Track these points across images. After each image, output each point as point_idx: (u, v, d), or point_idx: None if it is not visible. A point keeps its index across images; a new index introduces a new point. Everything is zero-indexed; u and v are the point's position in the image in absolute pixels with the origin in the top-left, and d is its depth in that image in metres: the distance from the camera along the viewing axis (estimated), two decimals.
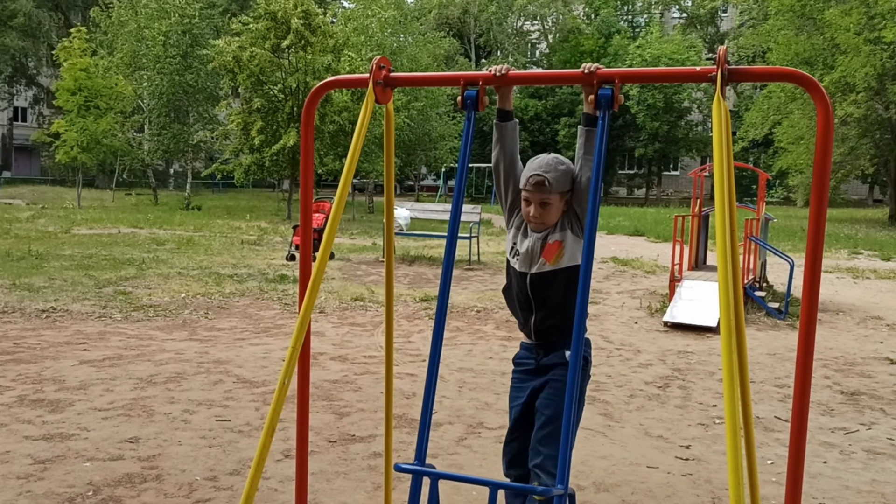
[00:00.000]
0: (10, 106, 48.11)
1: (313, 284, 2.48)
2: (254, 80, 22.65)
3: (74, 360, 6.36)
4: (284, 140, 22.19)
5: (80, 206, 26.69)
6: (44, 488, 3.77)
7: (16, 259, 12.10)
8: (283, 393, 2.40)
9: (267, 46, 22.35)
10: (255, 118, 22.87)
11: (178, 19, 27.97)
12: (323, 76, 21.98)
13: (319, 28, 22.57)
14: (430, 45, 35.37)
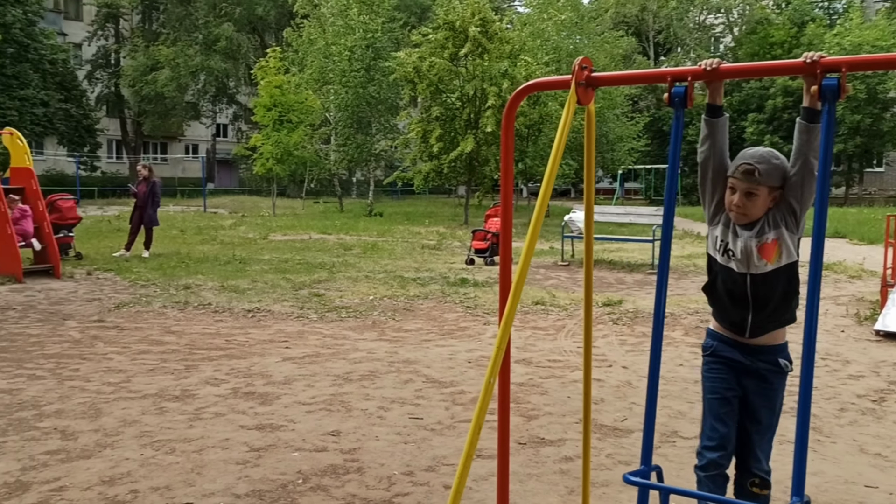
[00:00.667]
0: (214, 123, 52.54)
1: (516, 287, 2.50)
2: (433, 89, 23.32)
3: (278, 356, 6.82)
4: (462, 147, 22.65)
5: (274, 214, 28.63)
6: (259, 474, 4.07)
7: (223, 263, 13.16)
8: (489, 392, 2.43)
9: (445, 55, 22.95)
10: (433, 126, 23.54)
11: (361, 34, 29.34)
12: (500, 82, 22.23)
13: (496, 35, 22.86)
14: (607, 45, 34.80)
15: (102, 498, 3.77)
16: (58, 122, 38.16)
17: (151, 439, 4.61)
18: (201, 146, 53.34)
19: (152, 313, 8.84)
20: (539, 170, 26.30)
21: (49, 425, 4.85)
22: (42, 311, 8.86)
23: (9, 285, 10.66)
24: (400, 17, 35.02)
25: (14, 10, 34.32)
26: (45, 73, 37.13)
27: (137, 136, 49.83)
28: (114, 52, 48.03)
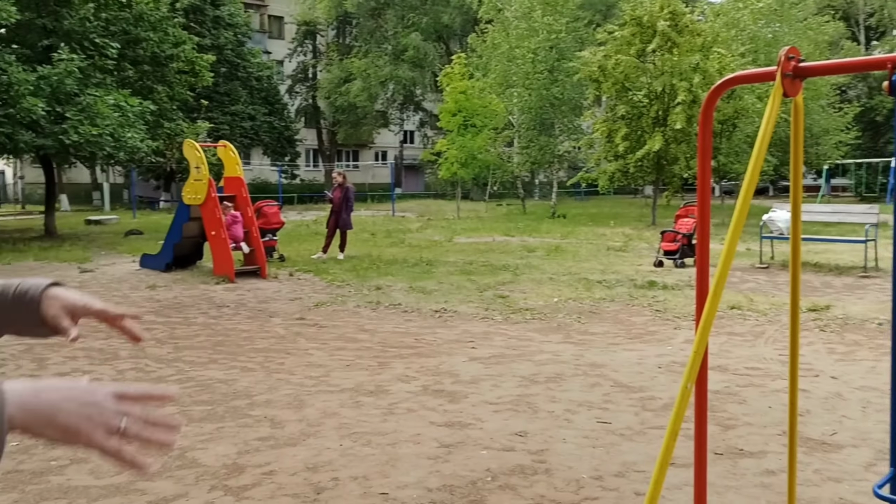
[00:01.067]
0: (401, 130, 54.63)
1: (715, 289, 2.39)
2: (618, 88, 22.85)
3: (465, 356, 6.96)
4: (649, 145, 22.02)
5: (459, 217, 29.27)
6: (449, 470, 4.17)
7: (411, 265, 13.64)
8: (686, 398, 2.34)
9: (632, 52, 22.41)
10: (619, 125, 23.06)
11: (545, 36, 29.33)
12: (690, 77, 21.37)
13: (686, 27, 22.02)
14: (810, 32, 32.43)
15: (307, 483, 4.02)
16: (263, 134, 41.32)
17: (349, 431, 4.86)
18: (390, 152, 55.65)
19: (347, 312, 9.33)
20: (733, 167, 24.98)
21: (260, 414, 5.25)
22: (251, 309, 9.62)
23: (223, 285, 11.67)
24: (584, 16, 34.63)
25: (226, 32, 37.56)
26: (252, 89, 40.32)
27: (332, 144, 52.85)
28: (311, 66, 51.31)
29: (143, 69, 20.93)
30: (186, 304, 10.03)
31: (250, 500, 3.83)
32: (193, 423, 5.05)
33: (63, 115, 16.86)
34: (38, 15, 18.30)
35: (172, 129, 21.93)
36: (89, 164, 29.31)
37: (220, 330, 8.30)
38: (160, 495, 3.91)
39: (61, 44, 17.66)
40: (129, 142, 17.82)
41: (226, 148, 13.52)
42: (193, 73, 22.59)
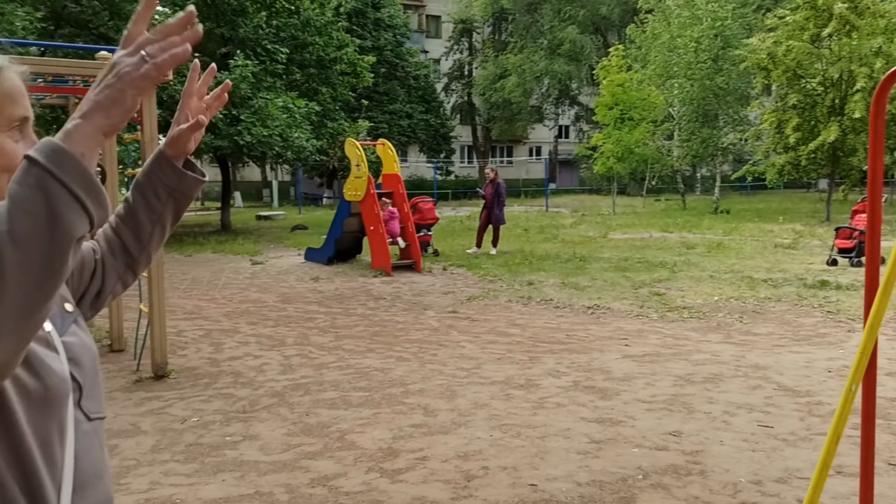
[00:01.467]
0: (556, 125, 54.19)
1: (885, 286, 2.24)
2: (789, 76, 21.56)
3: (617, 353, 6.85)
4: (824, 136, 20.63)
5: (614, 213, 28.70)
6: (599, 465, 4.15)
7: (563, 261, 13.54)
8: (850, 401, 2.22)
9: (805, 38, 21.07)
10: (790, 115, 21.76)
11: (709, 24, 28.14)
12: (871, 62, 19.83)
13: (867, 9, 20.42)
14: None
15: (458, 470, 4.13)
16: (419, 131, 42.35)
17: (499, 422, 4.93)
18: (544, 148, 55.39)
19: (499, 306, 9.43)
20: None
21: (413, 402, 5.43)
22: (407, 302, 9.93)
23: (380, 278, 12.11)
24: (752, 2, 32.90)
25: (386, 33, 38.81)
26: (410, 88, 41.42)
27: (486, 140, 53.31)
28: (467, 63, 51.98)
29: (309, 72, 22.04)
30: (346, 295, 10.50)
31: (404, 483, 3.98)
32: (352, 408, 5.30)
33: (238, 117, 18.08)
34: (218, 25, 19.71)
35: (335, 128, 22.97)
36: (260, 163, 31.23)
37: (378, 321, 8.63)
38: (321, 473, 4.14)
39: (237, 51, 18.95)
40: (295, 141, 18.84)
41: (384, 146, 14.00)
42: (355, 75, 23.53)
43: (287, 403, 5.45)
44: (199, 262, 14.73)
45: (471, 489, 3.89)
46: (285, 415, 5.19)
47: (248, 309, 9.51)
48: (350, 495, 3.85)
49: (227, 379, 6.19)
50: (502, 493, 3.83)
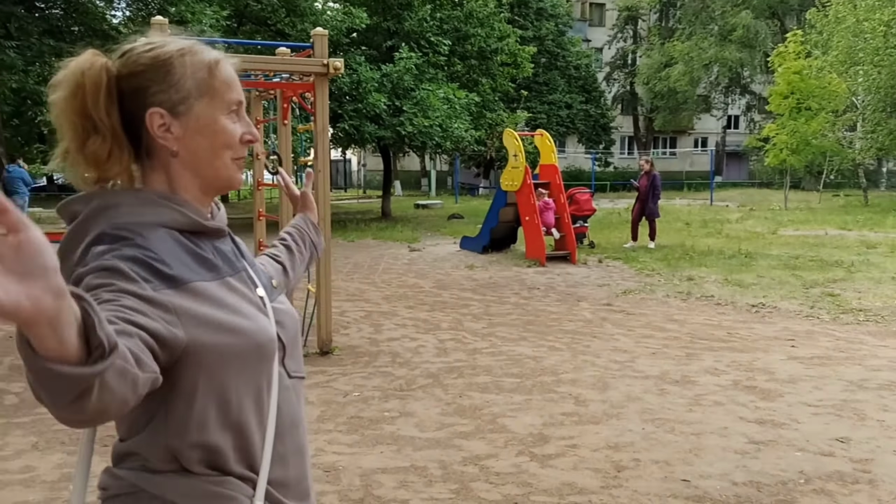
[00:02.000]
0: (725, 115, 51.78)
1: None
2: None
3: (783, 354, 6.53)
4: None
5: (786, 208, 27.09)
6: (758, 466, 4.00)
7: (727, 257, 12.98)
8: None
9: None
10: None
11: None
12: None
13: None
14: None
15: (608, 460, 4.13)
16: (578, 122, 41.82)
17: (652, 416, 4.86)
18: (710, 139, 53.12)
19: (655, 301, 9.21)
20: None
21: (565, 391, 5.45)
22: (560, 293, 9.91)
23: (534, 268, 12.14)
24: None
25: (547, 23, 38.58)
26: (570, 77, 40.97)
27: (648, 131, 51.82)
28: (631, 52, 50.68)
29: (470, 63, 22.35)
30: (500, 284, 10.62)
31: (554, 469, 4.03)
32: (504, 393, 5.40)
33: (400, 108, 18.66)
34: (384, 19, 20.42)
35: (493, 119, 23.16)
36: (420, 152, 32.03)
37: (531, 310, 8.68)
38: (473, 453, 4.27)
39: (402, 43, 19.54)
40: (455, 132, 19.19)
41: (542, 136, 13.99)
42: (515, 65, 23.61)
43: (441, 385, 5.63)
44: (361, 247, 15.38)
45: (621, 479, 3.88)
46: (440, 395, 5.37)
47: (405, 293, 9.85)
48: (500, 475, 3.95)
49: (386, 358, 6.47)
50: (653, 486, 3.79)
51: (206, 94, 1.24)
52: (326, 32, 6.34)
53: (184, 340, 1.12)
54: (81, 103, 1.19)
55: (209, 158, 1.26)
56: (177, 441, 1.18)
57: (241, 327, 1.20)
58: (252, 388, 1.24)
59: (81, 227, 1.18)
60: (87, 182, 1.23)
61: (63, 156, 1.23)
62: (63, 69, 1.21)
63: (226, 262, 1.27)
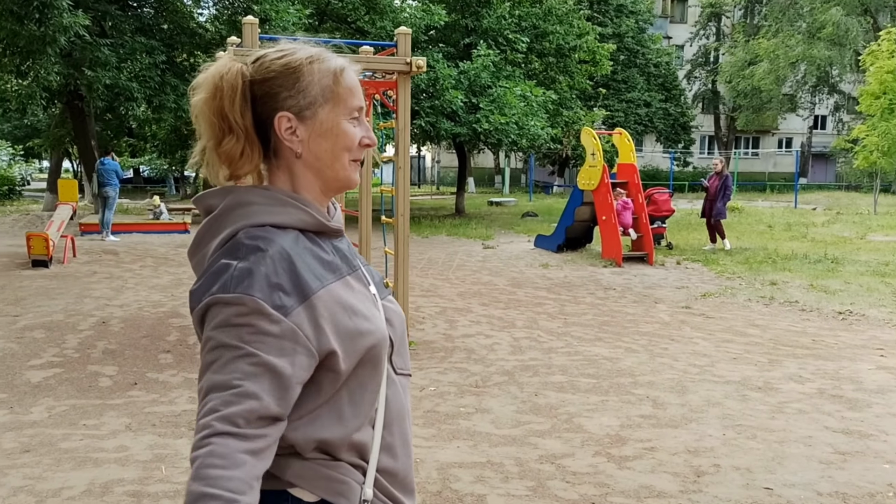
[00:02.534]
0: (811, 115, 50.00)
1: None
2: None
3: (871, 363, 6.31)
4: None
5: (875, 213, 26.03)
6: (843, 477, 3.89)
7: (812, 262, 12.57)
8: None
9: None
10: None
11: None
12: None
13: None
14: None
15: (687, 465, 4.08)
16: (657, 120, 41.02)
17: (733, 422, 4.77)
18: (795, 139, 51.41)
19: (736, 305, 9.00)
20: None
21: (642, 393, 5.40)
22: (637, 294, 9.78)
23: (610, 268, 12.01)
24: None
25: (628, 20, 37.97)
26: (650, 75, 40.23)
27: (730, 131, 50.46)
28: (713, 49, 49.42)
29: (548, 61, 22.22)
30: (575, 283, 10.55)
31: (631, 471, 4.01)
32: (580, 393, 5.38)
33: (477, 105, 18.69)
34: (463, 16, 20.48)
35: (570, 117, 22.96)
36: (495, 150, 32.02)
37: (606, 310, 8.61)
38: (549, 451, 4.28)
39: (480, 41, 19.57)
40: (531, 130, 19.10)
41: (621, 135, 13.81)
42: (593, 63, 23.34)
43: (517, 382, 5.65)
44: (435, 243, 15.49)
45: (700, 485, 3.83)
46: (515, 393, 5.39)
47: (479, 290, 9.89)
48: (577, 475, 3.95)
49: (461, 354, 6.52)
50: (734, 493, 3.73)
51: (330, 99, 1.31)
52: (410, 31, 6.43)
53: (317, 353, 1.22)
54: (219, 104, 1.27)
55: (330, 160, 1.32)
56: (297, 433, 1.25)
57: (361, 328, 1.27)
58: (365, 382, 1.30)
59: (218, 221, 1.28)
60: (221, 178, 1.31)
61: (201, 154, 1.31)
62: (203, 73, 1.29)
63: (344, 261, 1.33)
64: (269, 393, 1.17)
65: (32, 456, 4.18)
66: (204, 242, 1.29)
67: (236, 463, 1.12)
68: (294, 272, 1.22)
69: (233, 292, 1.18)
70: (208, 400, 1.16)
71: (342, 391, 1.27)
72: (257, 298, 1.17)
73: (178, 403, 5.12)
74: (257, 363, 1.16)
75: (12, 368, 5.92)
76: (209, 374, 1.18)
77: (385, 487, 1.33)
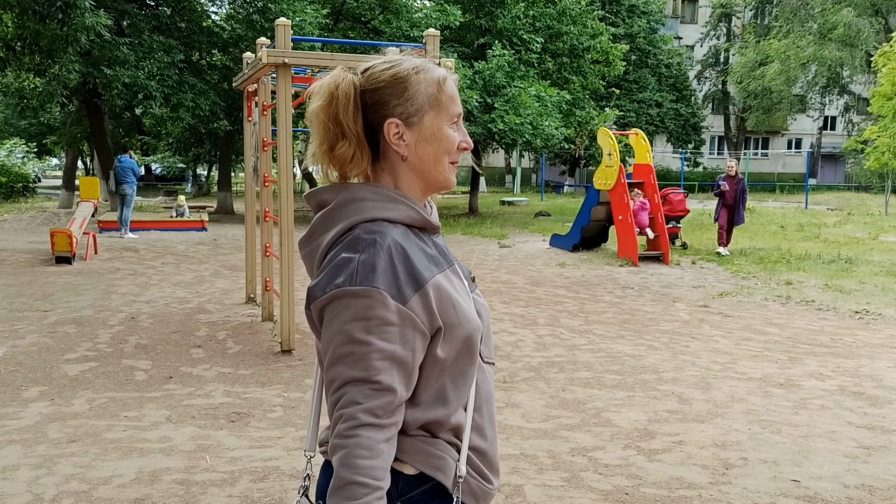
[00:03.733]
0: (821, 115, 49.93)
1: None
2: None
3: (890, 362, 6.40)
4: None
5: (886, 213, 26.05)
6: (869, 471, 4.01)
7: (826, 262, 12.65)
8: None
9: None
10: None
11: None
12: None
13: None
14: None
15: (715, 458, 4.19)
16: (668, 121, 41.02)
17: (758, 417, 4.88)
18: (805, 140, 51.34)
19: (753, 304, 9.10)
20: None
21: (667, 389, 5.51)
22: (655, 293, 9.89)
23: (626, 268, 12.12)
24: None
25: (639, 20, 38.01)
26: (661, 76, 40.24)
27: (740, 131, 50.44)
28: (724, 50, 49.39)
29: (562, 61, 22.31)
30: (593, 282, 10.66)
31: (661, 463, 4.12)
32: (606, 389, 5.50)
33: (492, 105, 18.81)
34: (477, 16, 20.60)
35: (583, 117, 23.06)
36: (509, 150, 32.13)
37: (626, 309, 8.72)
38: (580, 444, 4.40)
39: (494, 41, 19.68)
40: (545, 130, 19.21)
41: (637, 136, 13.90)
42: (606, 63, 23.42)
43: (544, 378, 5.77)
44: (451, 242, 15.61)
45: (730, 476, 3.94)
46: (543, 388, 5.51)
47: (499, 289, 10.01)
48: (609, 467, 4.07)
49: None
50: (763, 485, 3.84)
51: (434, 107, 1.43)
52: (438, 33, 6.54)
53: (429, 335, 1.35)
54: (335, 111, 1.39)
55: (433, 162, 1.44)
56: (407, 414, 1.37)
57: (461, 317, 1.39)
58: (465, 369, 1.43)
59: (333, 214, 1.41)
60: (332, 179, 1.44)
61: (313, 156, 1.43)
62: (318, 82, 1.42)
63: (443, 256, 1.45)
64: (400, 382, 1.31)
65: (79, 446, 4.32)
66: (317, 234, 1.42)
67: (378, 453, 1.28)
68: (409, 263, 1.34)
69: (359, 285, 1.30)
70: (345, 391, 1.29)
71: (446, 376, 1.39)
72: (382, 290, 1.29)
73: (215, 397, 5.26)
74: (388, 357, 1.29)
75: (49, 362, 6.07)
76: (343, 367, 1.30)
77: (476, 465, 1.46)
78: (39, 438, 4.41)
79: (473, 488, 1.44)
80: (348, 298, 1.30)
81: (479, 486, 1.45)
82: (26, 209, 21.51)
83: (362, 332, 1.29)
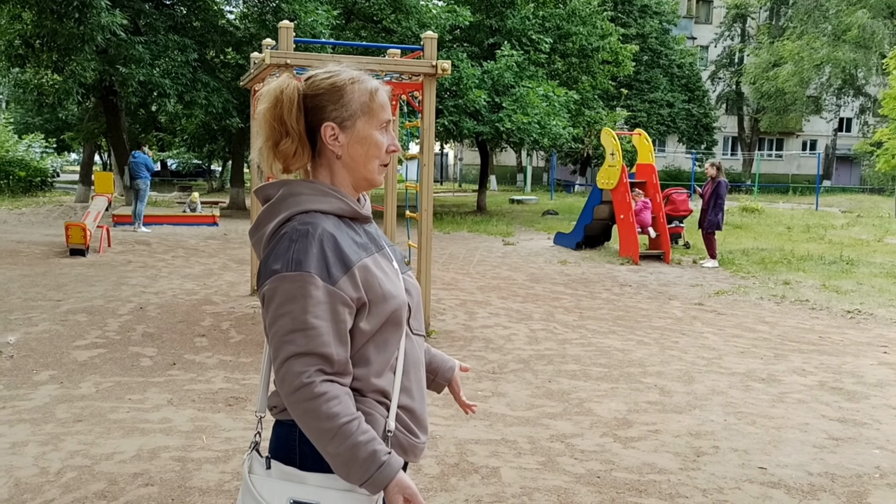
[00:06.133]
0: (836, 117, 49.73)
1: None
2: None
3: (874, 360, 6.56)
4: None
5: (894, 216, 26.00)
6: (834, 460, 4.18)
7: (827, 263, 12.75)
8: None
9: None
10: None
11: None
12: None
13: None
14: None
15: (688, 446, 4.38)
16: (680, 121, 40.99)
17: (735, 409, 5.07)
18: (819, 141, 51.14)
19: (748, 303, 9.25)
20: None
21: (651, 382, 5.70)
22: (652, 290, 10.05)
23: (627, 266, 12.28)
24: None
25: (651, 20, 38.02)
26: (673, 76, 40.22)
27: (753, 132, 50.33)
28: (738, 51, 49.28)
29: (571, 61, 22.45)
30: (592, 279, 10.84)
31: (635, 450, 4.32)
32: (591, 381, 5.70)
33: (500, 104, 18.99)
34: (487, 16, 20.78)
35: (592, 116, 23.18)
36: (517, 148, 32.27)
37: (621, 306, 8.90)
38: (560, 431, 4.60)
39: (504, 41, 19.85)
40: (553, 129, 19.36)
41: (640, 136, 14.06)
42: (616, 63, 23.53)
43: (532, 370, 5.98)
44: (456, 239, 15.82)
45: (699, 463, 4.13)
46: (530, 379, 5.71)
47: (498, 285, 10.21)
48: (585, 452, 4.27)
49: (479, 343, 6.85)
50: (730, 472, 4.03)
51: (366, 113, 1.66)
52: (436, 35, 6.76)
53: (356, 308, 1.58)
54: (279, 112, 1.62)
55: (363, 162, 1.68)
56: None
57: (386, 294, 1.62)
58: (388, 338, 1.65)
59: (275, 207, 1.64)
60: (276, 171, 1.67)
61: (259, 151, 1.66)
62: (266, 87, 1.65)
63: (372, 242, 1.69)
64: (336, 346, 1.54)
65: (85, 425, 4.56)
66: (262, 224, 1.65)
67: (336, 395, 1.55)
68: (338, 249, 1.57)
69: (293, 270, 1.53)
70: (290, 364, 1.52)
71: (370, 343, 1.61)
72: (313, 273, 1.52)
73: (215, 382, 5.50)
74: (322, 329, 1.52)
75: (59, 348, 6.33)
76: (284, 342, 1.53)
77: (404, 421, 1.67)
78: (48, 418, 4.66)
79: (402, 442, 1.66)
80: (285, 282, 1.52)
81: (408, 440, 1.67)
82: (44, 203, 21.88)
83: (300, 311, 1.51)
